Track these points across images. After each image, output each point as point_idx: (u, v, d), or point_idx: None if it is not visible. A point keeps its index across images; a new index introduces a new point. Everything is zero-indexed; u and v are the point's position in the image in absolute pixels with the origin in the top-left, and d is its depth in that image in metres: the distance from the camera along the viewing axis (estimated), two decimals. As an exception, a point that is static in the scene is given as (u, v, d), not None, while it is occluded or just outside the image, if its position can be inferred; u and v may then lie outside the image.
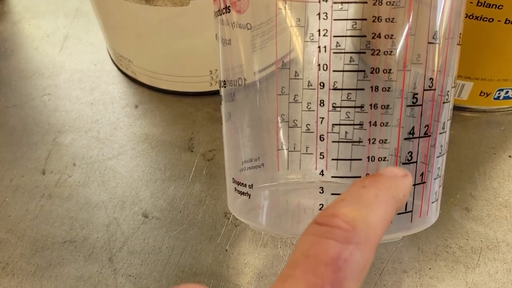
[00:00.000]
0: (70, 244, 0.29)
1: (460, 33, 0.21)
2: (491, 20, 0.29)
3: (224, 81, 0.22)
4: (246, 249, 0.29)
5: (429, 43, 0.19)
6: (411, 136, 0.19)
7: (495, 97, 0.34)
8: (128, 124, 0.36)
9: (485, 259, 0.28)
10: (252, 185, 0.21)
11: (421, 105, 0.19)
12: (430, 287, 0.27)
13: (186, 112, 0.36)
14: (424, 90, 0.19)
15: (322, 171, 0.19)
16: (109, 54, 0.41)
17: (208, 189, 0.32)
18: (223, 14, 0.21)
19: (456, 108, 0.36)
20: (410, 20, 0.19)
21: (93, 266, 0.28)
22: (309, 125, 0.20)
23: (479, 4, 0.29)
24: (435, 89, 0.19)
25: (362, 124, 0.19)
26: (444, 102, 0.20)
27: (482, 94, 0.34)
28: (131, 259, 0.29)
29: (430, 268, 0.28)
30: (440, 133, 0.20)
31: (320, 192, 0.19)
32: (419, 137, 0.19)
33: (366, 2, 0.19)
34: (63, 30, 0.44)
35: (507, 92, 0.34)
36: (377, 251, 0.28)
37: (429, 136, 0.20)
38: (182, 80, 0.36)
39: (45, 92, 0.38)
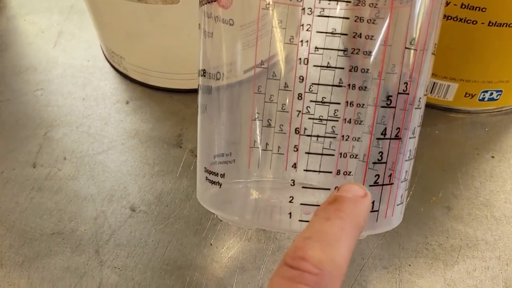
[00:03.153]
0: (58, 236, 0.30)
1: (435, 44, 0.21)
2: (474, 22, 0.30)
3: (204, 70, 0.23)
4: (230, 243, 0.29)
5: (406, 48, 0.20)
6: (382, 136, 0.20)
7: (480, 98, 0.35)
8: (118, 119, 0.36)
9: (463, 256, 0.29)
10: (224, 174, 0.21)
11: (394, 107, 0.20)
12: (409, 283, 0.28)
13: (176, 108, 0.37)
14: (398, 93, 0.20)
15: (294, 164, 0.20)
16: (102, 51, 0.41)
17: (195, 184, 0.32)
18: (208, 3, 0.22)
19: (442, 109, 0.36)
20: (390, 24, 0.19)
21: (80, 258, 0.29)
22: (282, 125, 0.20)
23: (463, 6, 0.30)
24: (408, 94, 0.20)
25: (337, 120, 0.20)
26: (415, 108, 0.21)
27: (467, 95, 0.35)
28: (117, 251, 0.29)
29: (410, 265, 0.28)
30: (410, 138, 0.21)
31: (291, 185, 0.20)
32: (390, 139, 0.20)
33: (350, 1, 0.20)
34: (57, 27, 0.44)
35: (491, 94, 0.34)
36: (359, 247, 0.29)
37: (400, 139, 0.20)
38: (172, 77, 0.37)
39: (38, 87, 0.39)
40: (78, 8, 0.46)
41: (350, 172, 0.20)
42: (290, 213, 0.20)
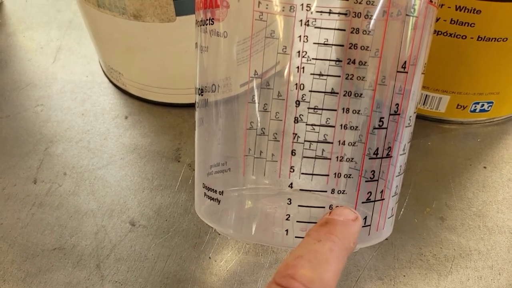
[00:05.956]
0: (59, 251, 0.30)
1: (425, 63, 0.22)
2: (464, 37, 0.31)
3: (201, 88, 0.23)
4: (228, 256, 0.30)
5: (398, 71, 0.21)
6: (375, 156, 0.20)
7: (472, 110, 0.36)
8: (117, 134, 0.37)
9: (457, 267, 0.29)
10: (222, 192, 0.22)
11: (386, 128, 0.20)
12: (404, 293, 0.28)
13: (174, 123, 0.38)
14: (390, 114, 0.21)
15: (291, 183, 0.21)
16: (101, 66, 0.42)
17: (194, 198, 0.33)
18: (206, 25, 0.22)
19: (435, 120, 0.37)
20: (383, 49, 0.20)
21: (81, 273, 0.29)
22: (276, 134, 0.21)
23: (452, 22, 0.30)
24: (399, 114, 0.21)
25: (332, 143, 0.20)
26: (406, 126, 0.21)
27: (459, 107, 0.36)
28: (118, 266, 0.30)
29: (404, 276, 0.29)
30: (400, 155, 0.21)
31: (288, 203, 0.20)
32: (382, 158, 0.21)
33: (344, 30, 0.20)
34: (56, 42, 0.45)
35: (482, 105, 0.35)
36: (354, 259, 0.30)
37: (391, 157, 0.21)
38: (170, 92, 0.38)
39: (38, 103, 0.40)
40: (76, 23, 0.46)
41: (344, 190, 0.21)
42: (286, 230, 0.21)
